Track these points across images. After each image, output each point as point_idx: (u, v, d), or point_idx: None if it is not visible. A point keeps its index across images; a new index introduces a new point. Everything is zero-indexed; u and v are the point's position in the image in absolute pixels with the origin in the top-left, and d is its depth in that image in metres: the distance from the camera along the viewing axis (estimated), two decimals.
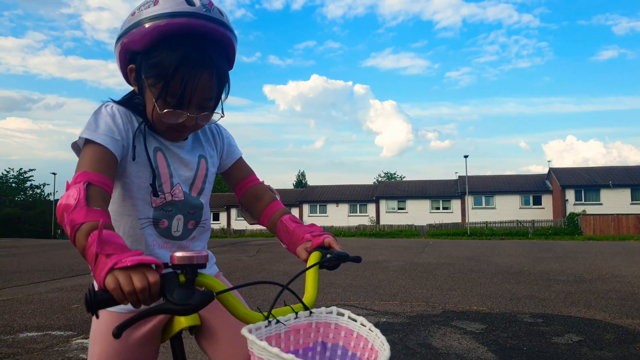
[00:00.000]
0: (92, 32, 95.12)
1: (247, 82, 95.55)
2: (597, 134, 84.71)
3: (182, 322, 1.28)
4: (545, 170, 38.78)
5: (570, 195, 33.31)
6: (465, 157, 33.93)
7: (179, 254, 0.90)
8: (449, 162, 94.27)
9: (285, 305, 1.05)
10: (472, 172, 38.58)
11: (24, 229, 38.28)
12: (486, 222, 32.01)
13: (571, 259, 11.30)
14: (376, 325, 4.98)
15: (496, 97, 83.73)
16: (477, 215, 34.84)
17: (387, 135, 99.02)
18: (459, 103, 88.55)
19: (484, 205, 36.80)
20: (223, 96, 1.23)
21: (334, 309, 1.06)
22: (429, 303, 5.82)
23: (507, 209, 35.46)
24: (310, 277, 1.15)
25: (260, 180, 1.49)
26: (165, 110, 1.13)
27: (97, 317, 0.90)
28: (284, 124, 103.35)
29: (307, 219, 38.79)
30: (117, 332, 0.83)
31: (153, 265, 0.88)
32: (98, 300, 0.84)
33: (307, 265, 1.17)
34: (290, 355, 0.82)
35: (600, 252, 13.41)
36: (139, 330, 1.26)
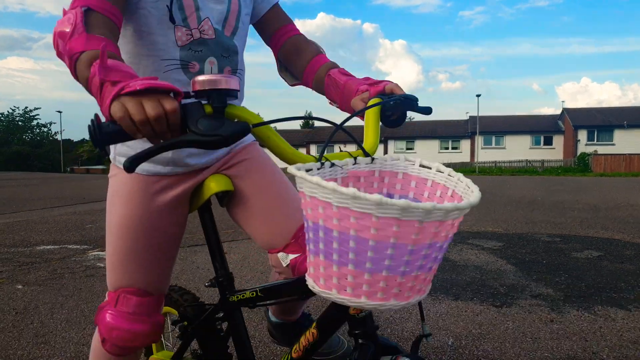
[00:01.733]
0: None
1: None
2: (614, 76, 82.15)
3: (212, 187, 1.14)
4: (558, 112, 37.93)
5: (582, 135, 32.75)
6: (478, 96, 33.23)
7: (201, 77, 0.73)
8: (460, 103, 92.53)
9: (342, 151, 0.88)
10: (483, 113, 37.89)
11: (34, 166, 38.63)
12: (495, 161, 31.78)
13: (584, 191, 11.18)
14: None
15: (511, 38, 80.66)
16: (487, 155, 34.56)
17: (397, 76, 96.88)
18: (471, 44, 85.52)
19: (493, 145, 36.38)
20: None
21: (401, 156, 0.90)
22: None
23: (517, 149, 35.07)
24: (371, 120, 0.96)
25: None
26: None
27: (107, 153, 0.76)
28: None
29: None
30: (129, 166, 0.68)
31: (171, 93, 0.72)
32: (104, 133, 0.69)
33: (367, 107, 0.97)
34: (352, 189, 0.66)
35: (613, 186, 13.25)
36: (164, 195, 1.13)
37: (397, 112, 1.02)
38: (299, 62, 1.22)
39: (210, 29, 1.08)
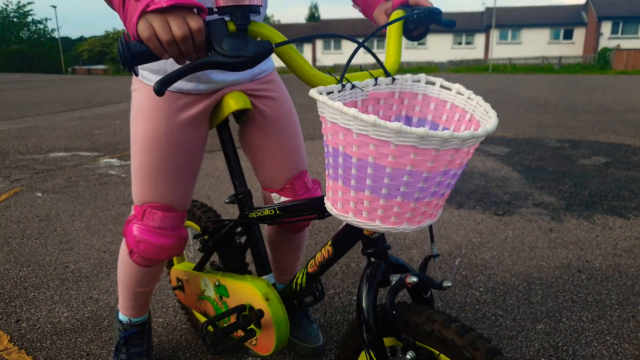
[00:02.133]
0: None
1: None
2: None
3: (231, 104, 1.15)
4: (582, 3, 35.41)
5: (606, 28, 30.90)
6: None
7: None
8: None
9: (362, 70, 0.88)
10: (501, 4, 35.46)
11: (34, 66, 37.87)
12: (510, 58, 30.51)
13: (600, 91, 10.88)
14: None
15: None
16: (501, 51, 33.10)
17: None
18: None
19: (509, 40, 34.64)
20: None
21: (422, 76, 0.88)
22: None
23: (533, 44, 33.43)
24: (393, 38, 0.94)
25: None
26: None
27: (136, 73, 0.76)
28: None
29: (321, 56, 37.53)
30: (159, 88, 0.70)
31: (195, 9, 0.72)
32: (133, 53, 0.70)
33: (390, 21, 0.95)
34: (372, 117, 0.66)
35: (632, 84, 12.86)
36: (185, 113, 1.14)
37: (420, 26, 0.99)
38: None
39: None
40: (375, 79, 0.86)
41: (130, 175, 1.22)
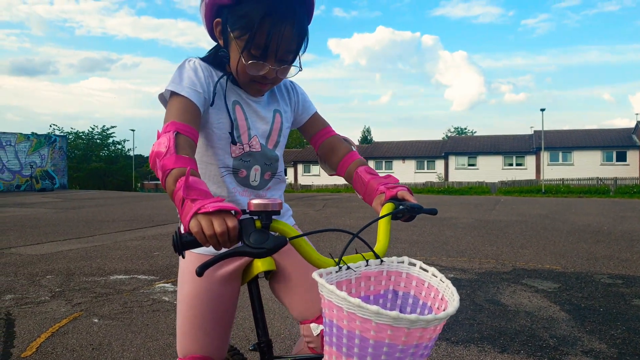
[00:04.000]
0: None
1: (312, 36, 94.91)
2: None
3: (259, 266, 1.38)
4: (632, 124, 35.44)
5: None
6: (542, 110, 31.73)
7: (255, 201, 0.96)
8: (524, 116, 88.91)
9: (357, 253, 1.07)
10: (549, 127, 36.18)
11: (109, 182, 41.61)
12: (562, 179, 30.15)
13: None
14: None
15: (577, 45, 76.79)
16: (553, 172, 32.87)
17: (458, 88, 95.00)
18: (535, 53, 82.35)
19: (560, 161, 34.59)
20: (302, 50, 1.26)
21: (405, 258, 1.07)
22: (499, 260, 5.67)
23: (586, 166, 33.10)
24: (382, 227, 1.16)
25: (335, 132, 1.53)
26: (250, 62, 1.20)
27: (183, 257, 0.99)
28: (349, 78, 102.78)
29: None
30: (200, 271, 0.92)
31: (232, 212, 0.94)
32: (183, 242, 0.93)
33: (380, 215, 1.19)
34: (357, 300, 0.83)
35: None
36: (222, 270, 1.37)
37: (406, 215, 1.21)
38: (334, 158, 1.48)
39: (257, 144, 1.35)
40: (367, 261, 1.05)
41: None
